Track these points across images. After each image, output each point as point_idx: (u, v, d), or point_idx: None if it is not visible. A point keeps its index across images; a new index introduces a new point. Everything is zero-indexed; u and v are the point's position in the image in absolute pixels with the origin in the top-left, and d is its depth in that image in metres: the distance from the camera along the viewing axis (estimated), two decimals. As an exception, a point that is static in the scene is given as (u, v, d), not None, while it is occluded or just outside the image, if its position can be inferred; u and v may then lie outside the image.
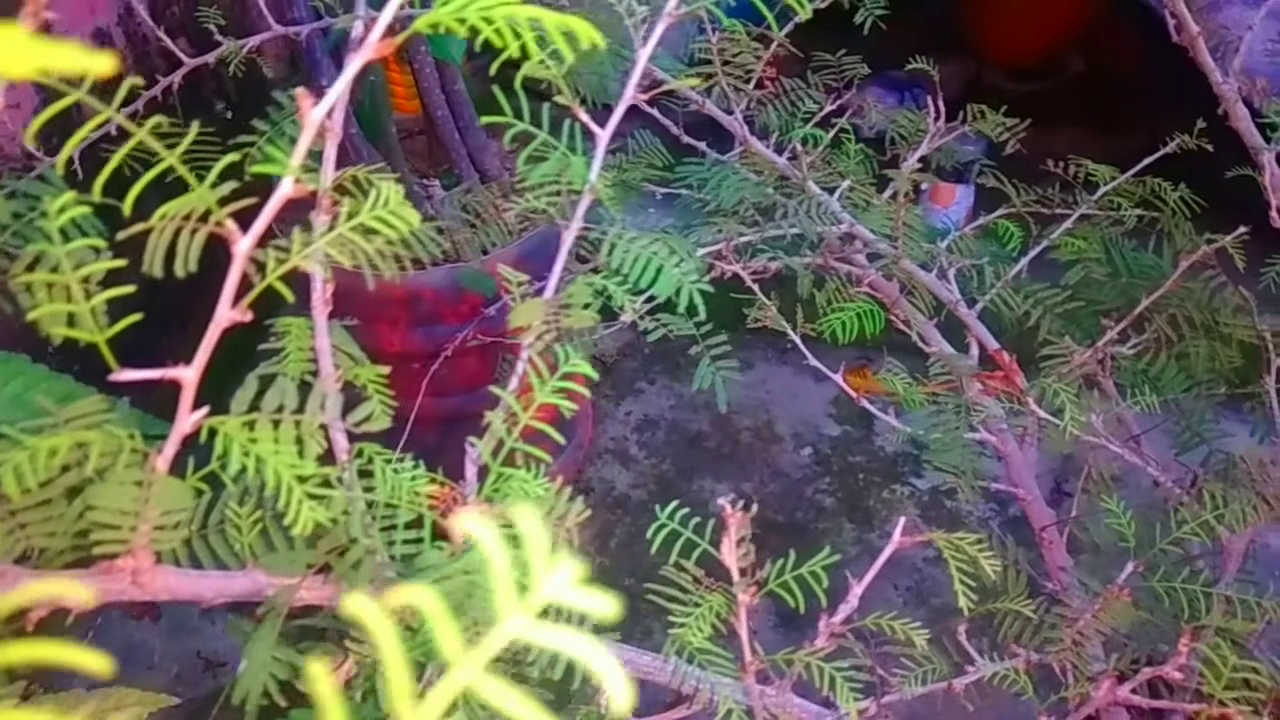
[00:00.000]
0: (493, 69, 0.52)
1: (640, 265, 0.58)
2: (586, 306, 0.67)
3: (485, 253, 1.59)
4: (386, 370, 0.59)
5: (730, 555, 0.55)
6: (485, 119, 0.55)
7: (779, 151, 1.10)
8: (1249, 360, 1.12)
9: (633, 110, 1.11)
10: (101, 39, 1.87)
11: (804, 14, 0.64)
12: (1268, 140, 0.95)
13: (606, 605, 0.20)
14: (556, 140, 0.67)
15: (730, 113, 1.05)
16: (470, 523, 0.21)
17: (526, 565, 0.21)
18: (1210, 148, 1.04)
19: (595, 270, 0.71)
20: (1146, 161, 1.06)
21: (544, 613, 0.20)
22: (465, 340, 1.15)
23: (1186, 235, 1.04)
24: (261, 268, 0.47)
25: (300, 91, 0.41)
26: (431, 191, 1.63)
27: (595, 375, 0.53)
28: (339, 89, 0.41)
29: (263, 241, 0.45)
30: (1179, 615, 0.76)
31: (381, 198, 0.45)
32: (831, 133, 1.13)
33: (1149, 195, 1.04)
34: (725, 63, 1.00)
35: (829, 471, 2.05)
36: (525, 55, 0.44)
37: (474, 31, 0.43)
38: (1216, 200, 1.08)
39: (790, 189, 1.09)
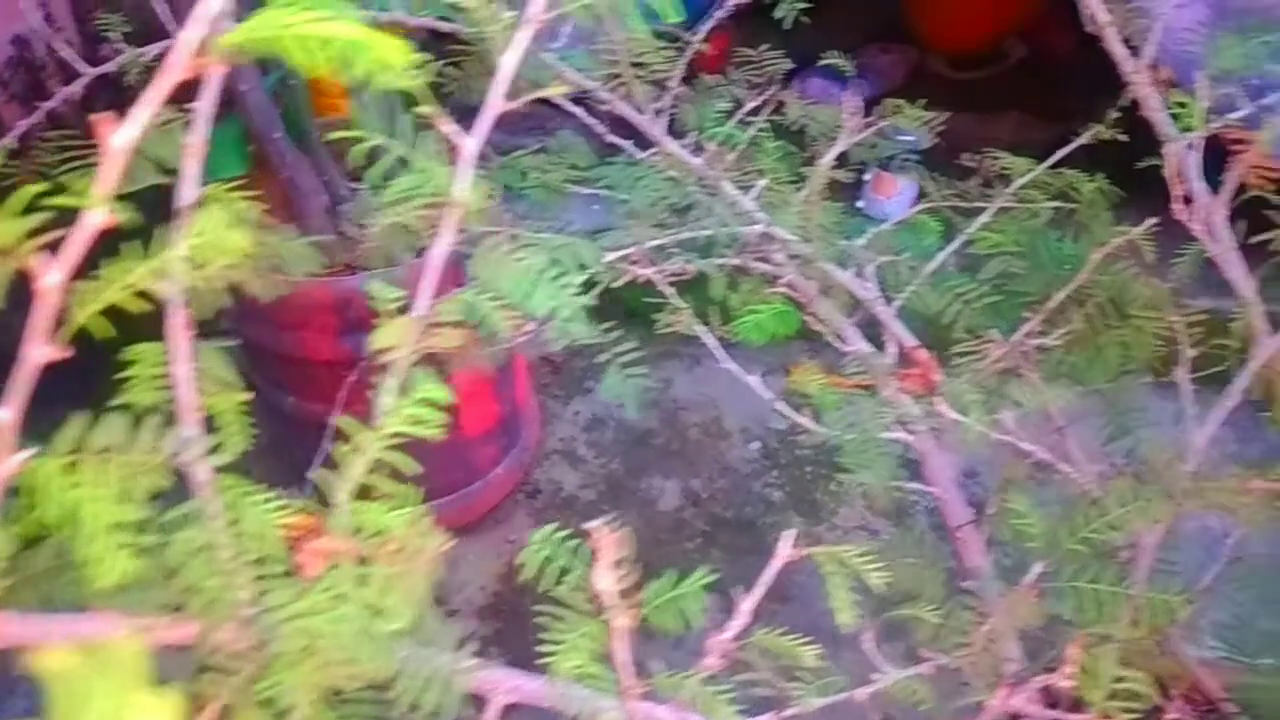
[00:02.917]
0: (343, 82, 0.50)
1: (510, 280, 0.57)
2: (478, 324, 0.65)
3: (420, 255, 1.56)
4: (248, 398, 0.57)
5: (605, 580, 0.53)
6: (329, 136, 0.52)
7: (700, 150, 1.08)
8: (1174, 347, 1.11)
9: (558, 109, 1.09)
10: (21, 46, 1.82)
11: (671, 18, 0.63)
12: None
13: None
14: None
15: (643, 112, 1.03)
16: (52, 656, 0.19)
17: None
18: (1125, 137, 1.04)
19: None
20: (1063, 152, 1.05)
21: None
22: (382, 350, 1.12)
23: (1105, 226, 1.04)
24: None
25: (98, 117, 0.39)
26: (360, 194, 1.60)
27: (451, 400, 0.52)
28: (146, 113, 0.39)
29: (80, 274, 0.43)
30: (1091, 614, 0.75)
31: (198, 227, 0.43)
32: (750, 130, 1.11)
33: (1066, 187, 1.03)
34: (635, 64, 0.98)
35: (777, 465, 2.04)
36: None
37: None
38: (1144, 189, 1.07)
39: (711, 188, 1.07)
